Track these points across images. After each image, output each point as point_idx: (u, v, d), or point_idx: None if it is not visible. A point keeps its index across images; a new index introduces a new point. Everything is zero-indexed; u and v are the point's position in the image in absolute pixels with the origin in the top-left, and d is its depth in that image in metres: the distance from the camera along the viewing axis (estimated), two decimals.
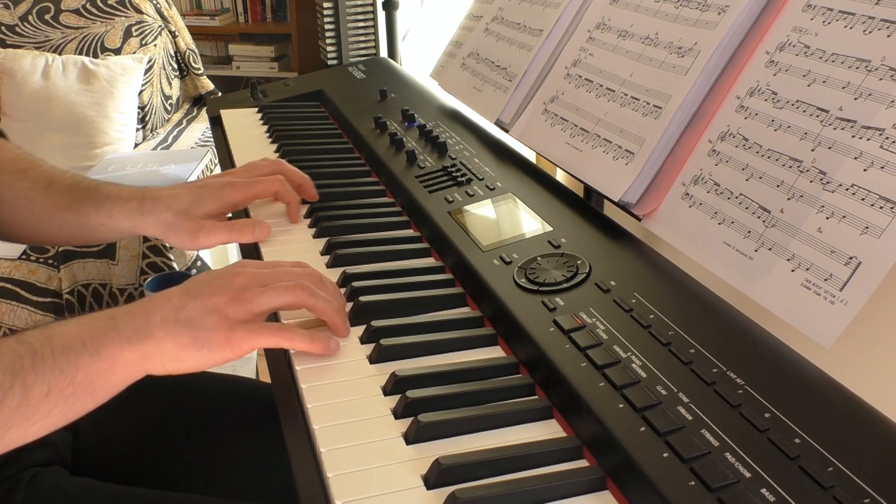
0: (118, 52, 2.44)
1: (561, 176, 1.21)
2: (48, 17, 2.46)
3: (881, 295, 0.53)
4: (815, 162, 0.60)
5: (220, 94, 2.62)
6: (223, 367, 0.62)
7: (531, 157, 1.03)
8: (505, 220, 0.80)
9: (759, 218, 0.62)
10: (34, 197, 0.83)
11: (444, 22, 2.19)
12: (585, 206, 0.80)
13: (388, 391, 0.59)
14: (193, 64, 2.65)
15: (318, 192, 0.90)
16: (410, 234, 0.85)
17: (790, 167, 0.61)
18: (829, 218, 0.57)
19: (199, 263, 1.93)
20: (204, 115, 2.57)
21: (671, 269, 0.67)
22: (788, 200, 0.60)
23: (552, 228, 0.75)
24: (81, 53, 2.41)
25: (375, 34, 2.58)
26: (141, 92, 2.43)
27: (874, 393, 0.52)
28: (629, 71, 0.81)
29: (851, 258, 0.54)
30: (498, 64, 1.04)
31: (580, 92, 0.86)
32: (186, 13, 3.45)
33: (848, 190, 0.56)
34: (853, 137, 0.57)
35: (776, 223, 0.60)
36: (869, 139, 0.56)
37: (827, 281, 0.55)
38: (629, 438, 0.49)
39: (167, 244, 1.86)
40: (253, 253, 0.83)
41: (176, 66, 2.62)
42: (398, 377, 0.59)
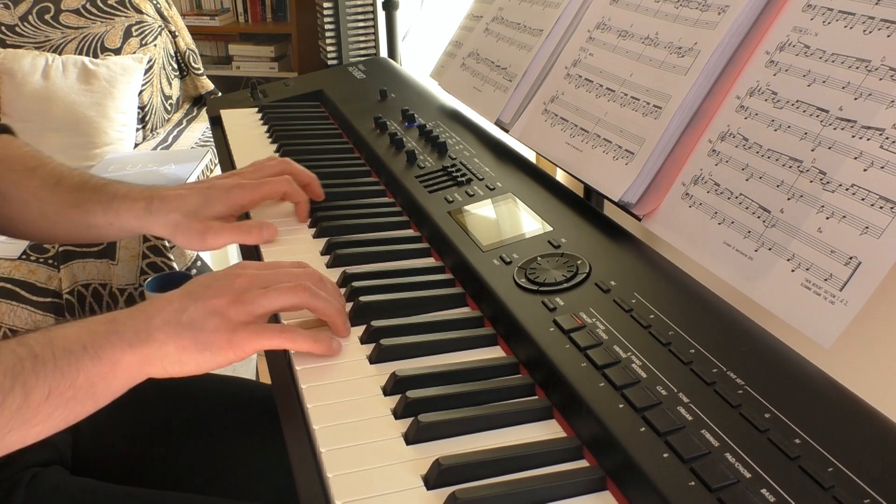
0: (118, 52, 2.44)
1: (561, 176, 1.21)
2: (48, 17, 2.46)
3: (881, 295, 0.53)
4: (815, 162, 0.60)
5: (220, 94, 2.62)
6: (223, 367, 0.62)
7: (531, 157, 1.03)
8: (505, 220, 0.80)
9: (759, 218, 0.62)
10: (43, 195, 0.83)
11: (444, 22, 2.19)
12: (585, 206, 0.80)
13: (388, 391, 0.59)
14: (193, 64, 2.65)
15: None
16: (410, 234, 0.85)
17: (790, 167, 0.61)
18: (829, 218, 0.57)
19: (199, 263, 1.93)
20: (204, 115, 2.57)
21: (671, 269, 0.67)
22: (788, 200, 0.60)
23: (552, 228, 0.75)
24: (81, 53, 2.42)
25: (375, 34, 2.58)
26: (141, 92, 2.43)
27: (874, 393, 0.52)
28: (629, 71, 0.81)
29: (851, 258, 0.54)
30: (498, 64, 1.04)
31: (580, 92, 0.86)
32: (186, 13, 3.45)
33: (848, 190, 0.56)
34: (853, 137, 0.57)
35: (776, 223, 0.60)
36: (869, 139, 0.56)
37: (827, 281, 0.55)
38: (629, 438, 0.49)
39: (168, 244, 1.86)
40: (253, 254, 0.83)
41: (176, 66, 2.62)
42: (398, 377, 0.59)
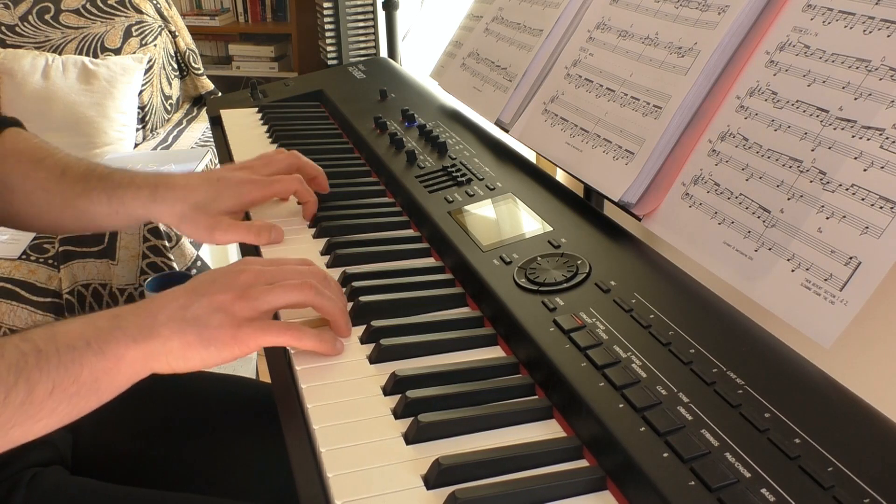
0: (118, 52, 2.44)
1: (561, 176, 1.21)
2: (48, 17, 2.46)
3: (881, 295, 0.53)
4: (815, 162, 0.60)
5: (220, 94, 2.62)
6: (223, 367, 0.62)
7: (531, 157, 1.03)
8: (505, 220, 0.80)
9: (759, 218, 0.62)
10: (49, 186, 0.83)
11: (444, 22, 2.19)
12: (585, 206, 0.80)
13: (388, 391, 0.59)
14: (193, 64, 2.65)
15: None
16: (410, 234, 0.85)
17: (790, 167, 0.61)
18: (829, 218, 0.57)
19: (199, 263, 1.93)
20: (204, 115, 2.58)
21: (671, 269, 0.67)
22: (788, 200, 0.60)
23: (552, 228, 0.75)
24: (81, 53, 2.42)
25: (375, 34, 2.58)
26: (141, 92, 2.43)
27: (874, 393, 0.52)
28: (629, 71, 0.81)
29: (851, 258, 0.54)
30: (498, 64, 1.04)
31: (580, 92, 0.86)
32: (186, 13, 3.45)
33: (848, 190, 0.56)
34: (853, 137, 0.57)
35: (776, 223, 0.60)
36: (869, 139, 0.56)
37: (827, 281, 0.55)
38: (629, 438, 0.49)
39: (168, 245, 1.86)
40: (254, 253, 0.83)
41: (176, 66, 2.62)
42: (398, 377, 0.59)
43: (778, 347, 0.56)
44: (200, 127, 2.49)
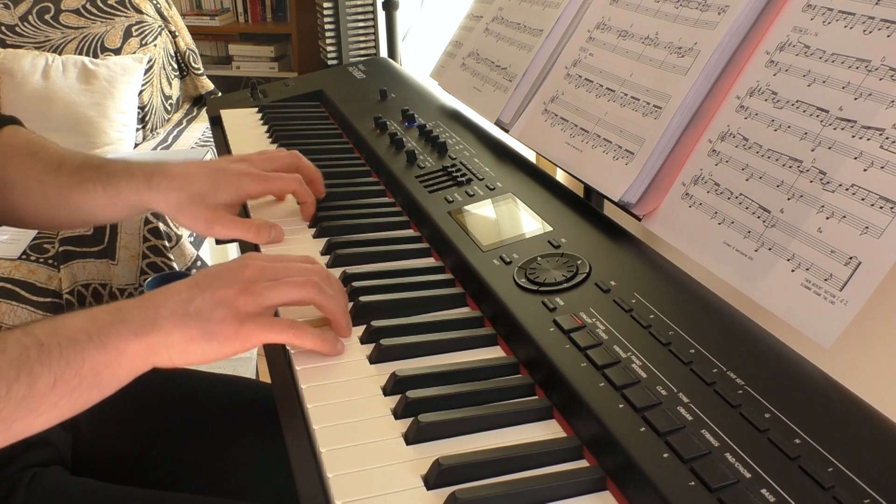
0: (118, 52, 2.44)
1: (561, 176, 1.21)
2: (48, 17, 2.46)
3: (881, 295, 0.53)
4: (815, 162, 0.60)
5: (220, 94, 2.62)
6: (223, 367, 0.62)
7: (531, 157, 1.03)
8: (505, 220, 0.80)
9: (759, 218, 0.62)
10: (45, 179, 0.82)
11: (444, 22, 2.19)
12: (585, 206, 0.80)
13: (388, 391, 0.59)
14: (193, 64, 2.65)
15: None
16: (410, 234, 0.85)
17: (790, 167, 0.61)
18: (829, 218, 0.57)
19: (198, 263, 1.93)
20: (204, 115, 2.58)
21: (671, 269, 0.67)
22: (788, 200, 0.60)
23: (552, 228, 0.75)
24: (81, 53, 2.42)
25: (375, 34, 2.58)
26: (141, 92, 2.43)
27: (874, 393, 0.52)
28: (629, 71, 0.81)
29: (851, 258, 0.54)
30: (498, 64, 1.04)
31: (580, 92, 0.86)
32: (186, 13, 3.45)
33: (848, 190, 0.56)
34: (853, 137, 0.57)
35: (776, 223, 0.60)
36: (869, 139, 0.56)
37: (827, 281, 0.55)
38: (629, 438, 0.49)
39: (168, 245, 1.86)
40: (253, 251, 0.83)
41: (176, 66, 2.62)
42: (398, 377, 0.59)
43: (778, 347, 0.56)
44: (200, 127, 2.49)
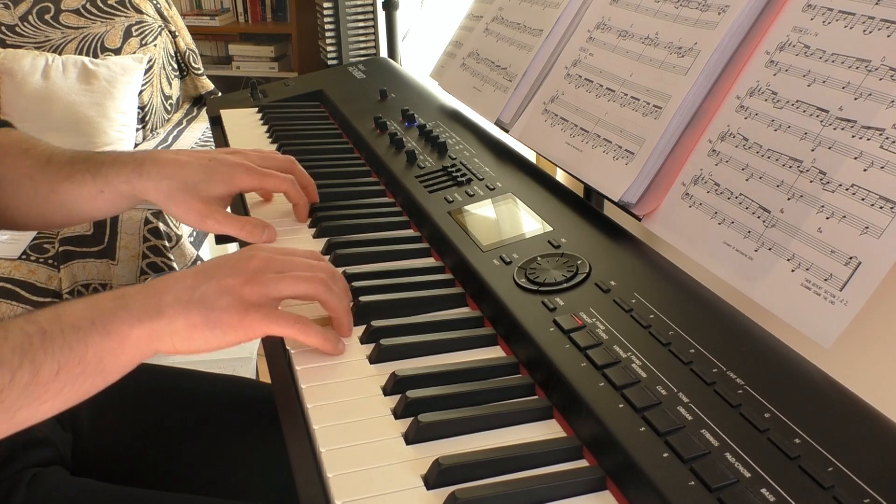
0: (118, 52, 2.44)
1: (561, 176, 1.21)
2: (48, 17, 2.46)
3: (881, 295, 0.53)
4: (815, 162, 0.60)
5: (220, 94, 2.62)
6: (223, 367, 0.62)
7: (531, 157, 1.03)
8: (505, 220, 0.80)
9: (759, 218, 0.62)
10: (34, 174, 0.82)
11: (444, 22, 2.19)
12: (585, 206, 0.80)
13: (388, 391, 0.59)
14: (193, 64, 2.65)
15: (318, 192, 0.90)
16: (410, 234, 0.85)
17: (790, 167, 0.61)
18: (829, 218, 0.57)
19: (198, 263, 1.93)
20: (204, 115, 2.58)
21: (671, 269, 0.67)
22: (788, 200, 0.60)
23: (552, 228, 0.75)
24: (81, 53, 2.42)
25: (375, 34, 2.58)
26: (141, 92, 2.43)
27: (874, 393, 0.52)
28: (629, 71, 0.81)
29: (851, 258, 0.54)
30: (498, 64, 1.04)
31: (580, 92, 0.86)
32: (186, 13, 3.45)
33: (848, 190, 0.56)
34: (853, 137, 0.57)
35: (776, 223, 0.60)
36: (869, 139, 0.56)
37: (827, 281, 0.55)
38: (629, 438, 0.49)
39: (168, 245, 1.85)
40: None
41: (176, 66, 2.62)
42: (398, 377, 0.59)
43: (778, 347, 0.56)
44: (200, 127, 2.49)
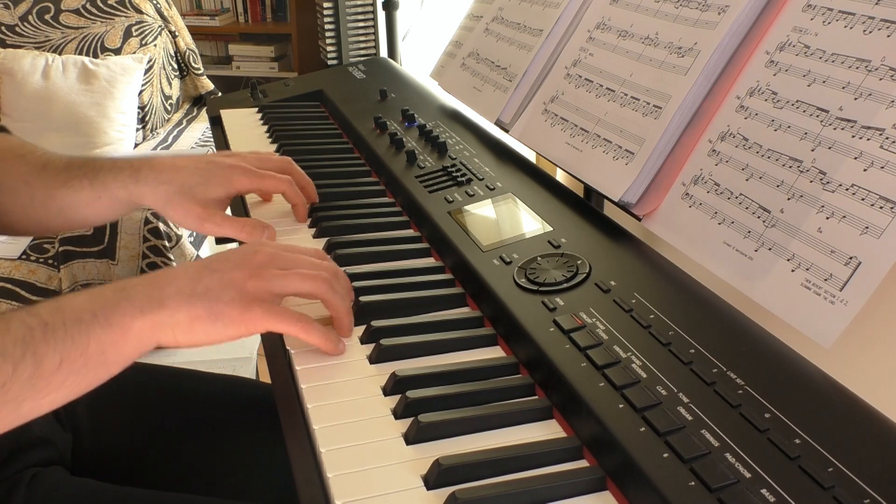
0: (118, 52, 2.44)
1: (561, 176, 1.21)
2: (48, 17, 2.46)
3: (881, 295, 0.53)
4: (815, 162, 0.60)
5: (220, 94, 2.62)
6: (223, 367, 0.62)
7: (531, 157, 1.03)
8: (505, 220, 0.80)
9: (759, 218, 0.62)
10: (31, 180, 0.81)
11: (444, 22, 2.19)
12: (585, 206, 0.80)
13: (388, 391, 0.59)
14: (193, 64, 2.65)
15: (318, 192, 0.90)
16: (410, 234, 0.85)
17: (790, 167, 0.61)
18: (829, 218, 0.57)
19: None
20: (204, 115, 2.58)
21: (671, 269, 0.67)
22: (788, 200, 0.60)
23: (552, 228, 0.75)
24: (81, 53, 2.42)
25: (375, 34, 2.58)
26: (141, 92, 2.43)
27: (874, 393, 0.52)
28: (629, 71, 0.81)
29: (851, 258, 0.54)
30: (498, 64, 1.04)
31: (580, 92, 0.86)
32: (186, 13, 3.45)
33: (848, 190, 0.56)
34: (853, 137, 0.57)
35: (776, 223, 0.60)
36: (869, 139, 0.56)
37: (827, 281, 0.55)
38: (629, 438, 0.49)
39: (168, 245, 1.85)
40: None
41: (176, 66, 2.62)
42: (398, 377, 0.59)
43: (778, 347, 0.56)
44: (200, 127, 2.49)
